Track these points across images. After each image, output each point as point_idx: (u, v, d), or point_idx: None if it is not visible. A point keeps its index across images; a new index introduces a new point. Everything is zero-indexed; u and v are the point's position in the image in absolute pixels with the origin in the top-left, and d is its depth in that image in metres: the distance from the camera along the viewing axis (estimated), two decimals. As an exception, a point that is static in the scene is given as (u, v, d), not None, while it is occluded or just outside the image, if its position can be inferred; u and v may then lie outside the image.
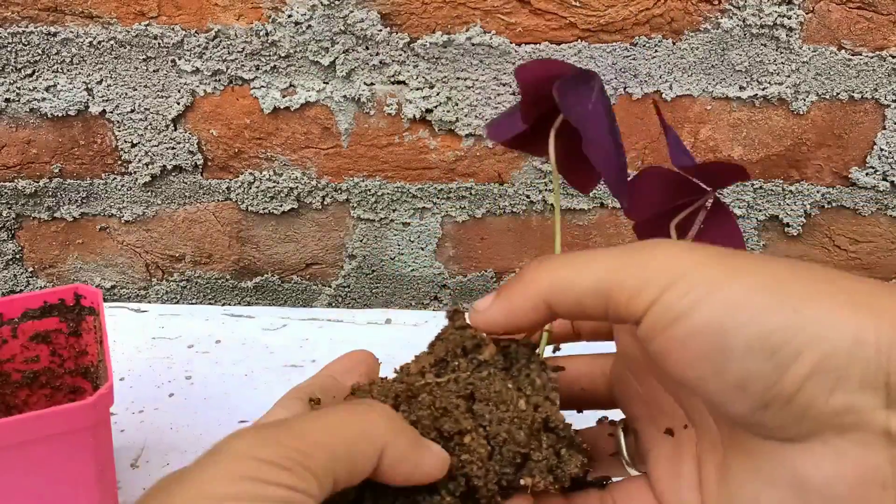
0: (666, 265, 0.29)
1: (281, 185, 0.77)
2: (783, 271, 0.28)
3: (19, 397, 0.57)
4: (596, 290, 0.30)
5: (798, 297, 0.27)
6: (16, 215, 0.80)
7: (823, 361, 0.26)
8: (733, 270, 0.28)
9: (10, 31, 0.70)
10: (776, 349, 0.27)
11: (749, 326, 0.27)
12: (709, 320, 0.28)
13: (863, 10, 0.67)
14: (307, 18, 0.68)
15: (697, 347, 0.28)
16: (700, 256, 0.29)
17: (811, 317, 0.27)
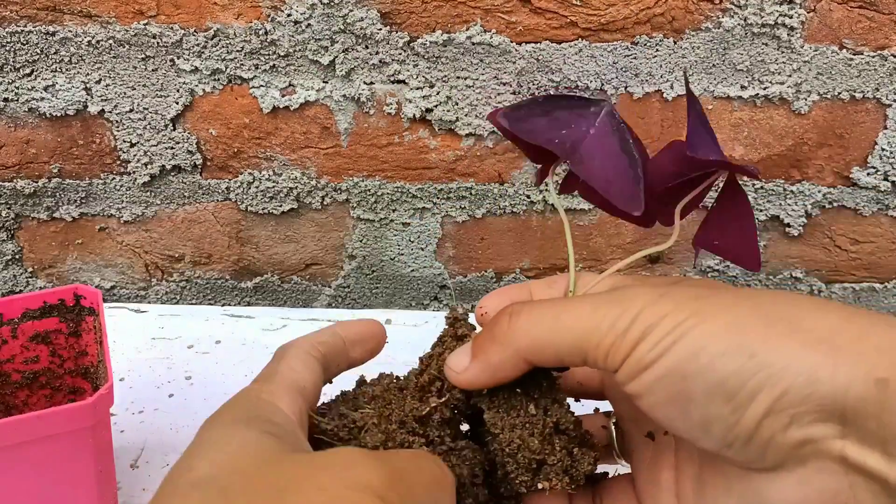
0: (637, 321, 0.31)
1: (280, 185, 0.77)
2: (745, 313, 0.30)
3: (19, 398, 0.56)
4: (573, 348, 0.32)
5: (756, 340, 0.29)
6: (15, 215, 0.80)
7: (778, 401, 0.28)
8: (697, 318, 0.30)
9: (9, 31, 0.70)
10: (733, 393, 0.29)
11: (707, 372, 0.29)
12: (672, 368, 0.30)
13: (864, 9, 0.67)
14: (306, 17, 0.68)
15: (664, 393, 0.31)
16: (666, 307, 0.31)
17: (767, 359, 0.28)
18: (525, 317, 0.34)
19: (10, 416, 0.44)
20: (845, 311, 0.30)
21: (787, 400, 0.28)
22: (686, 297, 0.31)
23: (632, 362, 0.31)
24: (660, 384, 0.30)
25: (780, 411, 0.28)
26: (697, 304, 0.31)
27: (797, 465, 0.29)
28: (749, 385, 0.28)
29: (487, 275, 0.82)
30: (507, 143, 0.74)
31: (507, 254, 0.81)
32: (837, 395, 0.28)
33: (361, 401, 0.37)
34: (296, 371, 0.35)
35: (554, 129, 0.39)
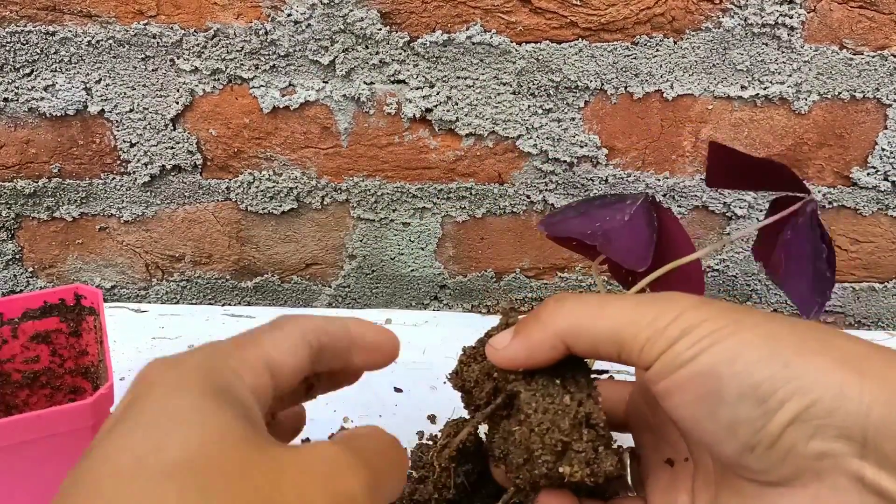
0: (677, 321, 0.32)
1: (280, 185, 0.77)
2: (781, 328, 0.32)
3: (19, 397, 0.56)
4: (611, 337, 0.34)
5: (790, 352, 0.30)
6: (15, 215, 0.80)
7: (806, 411, 0.29)
8: (736, 326, 0.32)
9: (9, 31, 0.69)
10: (764, 397, 0.30)
11: (742, 376, 0.30)
12: (708, 368, 0.31)
13: (864, 9, 0.67)
14: (306, 17, 0.68)
15: (695, 391, 0.32)
16: (707, 313, 0.32)
17: (799, 371, 0.30)
18: (571, 301, 0.35)
19: (10, 416, 0.44)
20: (874, 344, 0.32)
21: (814, 411, 0.29)
22: (725, 308, 0.33)
23: (667, 359, 0.32)
24: (693, 382, 0.32)
25: (806, 421, 0.29)
26: (736, 314, 0.32)
27: (813, 480, 0.30)
28: (780, 392, 0.30)
29: (487, 274, 0.82)
30: (508, 144, 0.74)
31: (507, 254, 0.81)
32: (861, 414, 0.29)
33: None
34: (278, 350, 0.33)
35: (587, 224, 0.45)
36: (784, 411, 0.30)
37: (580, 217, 0.46)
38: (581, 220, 0.46)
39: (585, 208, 0.47)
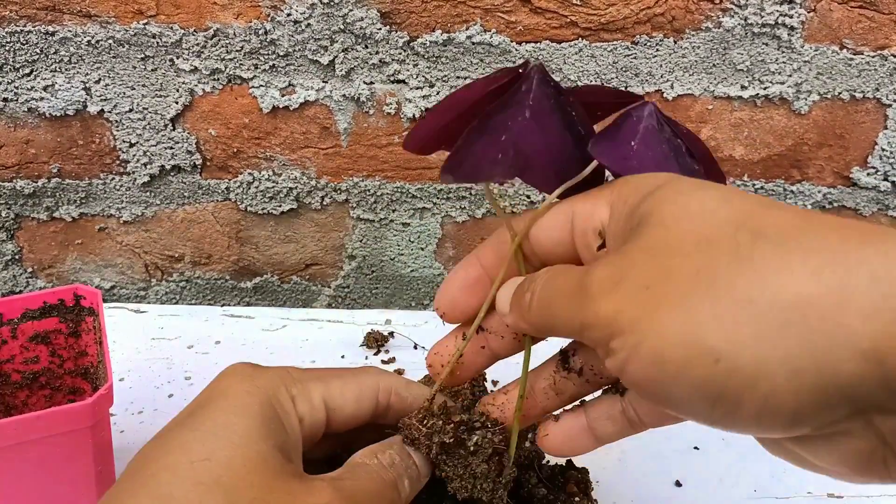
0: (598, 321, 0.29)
1: (280, 186, 0.77)
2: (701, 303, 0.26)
3: (19, 398, 0.56)
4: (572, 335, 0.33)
5: (718, 341, 0.25)
6: (15, 216, 0.80)
7: (767, 403, 0.25)
8: (652, 317, 0.27)
9: (9, 31, 0.69)
10: (714, 400, 0.26)
11: (679, 382, 0.27)
12: (642, 379, 0.28)
13: (864, 9, 0.67)
14: (306, 17, 0.68)
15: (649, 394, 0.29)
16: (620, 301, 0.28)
17: (734, 365, 0.25)
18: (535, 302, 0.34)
19: (10, 417, 0.44)
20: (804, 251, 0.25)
21: (777, 401, 0.25)
22: (639, 285, 0.28)
23: (611, 362, 0.29)
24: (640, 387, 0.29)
25: (774, 414, 0.25)
26: (650, 295, 0.27)
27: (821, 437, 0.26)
28: (727, 393, 0.26)
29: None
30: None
31: (507, 254, 0.81)
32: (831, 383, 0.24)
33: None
34: (343, 395, 0.38)
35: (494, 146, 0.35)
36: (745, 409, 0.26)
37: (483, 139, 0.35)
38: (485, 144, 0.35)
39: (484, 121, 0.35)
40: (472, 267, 0.40)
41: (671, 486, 0.56)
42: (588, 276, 0.31)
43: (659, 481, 0.56)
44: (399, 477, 0.37)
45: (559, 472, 0.49)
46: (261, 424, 0.34)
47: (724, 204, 0.28)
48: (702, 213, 0.28)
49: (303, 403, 0.37)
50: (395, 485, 0.37)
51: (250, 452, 0.32)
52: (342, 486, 0.34)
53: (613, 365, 0.29)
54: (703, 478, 0.57)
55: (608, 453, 0.59)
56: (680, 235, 0.28)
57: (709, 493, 0.56)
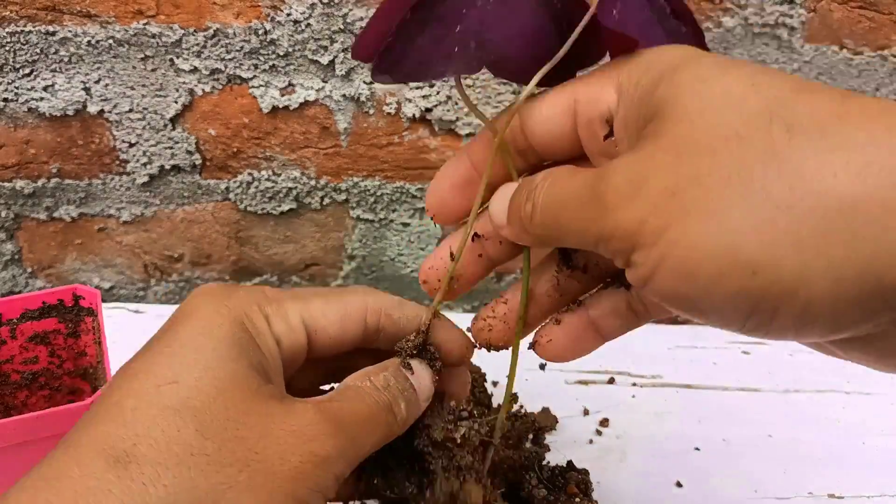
0: (618, 229, 0.27)
1: (280, 186, 0.77)
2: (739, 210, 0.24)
3: (18, 398, 0.56)
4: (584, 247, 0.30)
5: (755, 249, 0.24)
6: (14, 216, 0.80)
7: (807, 312, 0.24)
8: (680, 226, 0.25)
9: (9, 31, 0.69)
10: (749, 312, 0.25)
11: (711, 295, 0.25)
12: (672, 287, 0.26)
13: (864, 9, 0.67)
14: (306, 17, 0.68)
15: (678, 306, 0.27)
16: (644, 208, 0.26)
17: (773, 275, 0.23)
18: (539, 213, 0.31)
19: (9, 417, 0.44)
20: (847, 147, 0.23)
21: (816, 311, 0.23)
22: (663, 190, 0.26)
23: (632, 274, 0.27)
24: (668, 300, 0.27)
25: (814, 321, 0.24)
26: (677, 202, 0.25)
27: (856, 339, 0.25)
28: (764, 304, 0.24)
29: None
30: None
31: (507, 254, 0.81)
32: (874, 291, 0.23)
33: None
34: (326, 317, 0.35)
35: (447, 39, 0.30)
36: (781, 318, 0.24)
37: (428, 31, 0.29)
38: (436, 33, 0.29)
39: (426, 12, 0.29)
40: (462, 164, 0.36)
41: (671, 487, 0.56)
42: (603, 181, 0.28)
43: (659, 482, 0.56)
44: (394, 399, 0.34)
45: (559, 472, 0.49)
46: (232, 344, 0.31)
47: (753, 91, 0.26)
48: (728, 104, 0.26)
49: (279, 323, 0.34)
50: (389, 407, 0.34)
51: (221, 373, 0.30)
52: (328, 408, 0.31)
53: (636, 277, 0.27)
54: (703, 478, 0.57)
55: (608, 453, 0.59)
56: (706, 130, 0.26)
57: (709, 493, 0.56)
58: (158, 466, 0.27)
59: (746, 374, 0.68)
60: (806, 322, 0.24)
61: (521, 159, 0.35)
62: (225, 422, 0.29)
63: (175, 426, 0.28)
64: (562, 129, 0.33)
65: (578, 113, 0.32)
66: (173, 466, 0.27)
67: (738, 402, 0.65)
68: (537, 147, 0.34)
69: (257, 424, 0.29)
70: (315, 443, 0.30)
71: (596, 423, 0.62)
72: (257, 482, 0.28)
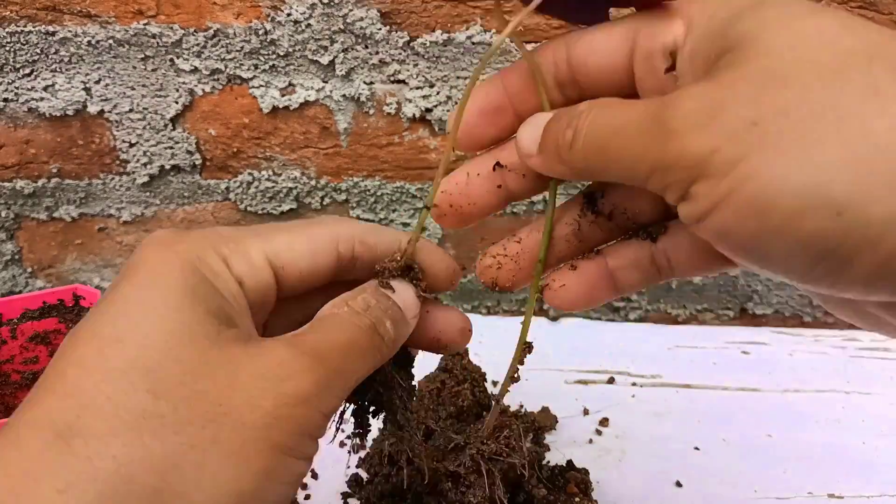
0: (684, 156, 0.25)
1: (280, 186, 0.77)
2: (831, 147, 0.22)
3: (19, 398, 0.56)
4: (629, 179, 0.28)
5: (843, 191, 0.22)
6: (14, 216, 0.80)
7: (886, 265, 0.22)
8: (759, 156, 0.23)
9: (9, 31, 0.69)
10: (822, 256, 0.23)
11: (783, 232, 0.23)
12: (737, 223, 0.24)
13: (864, 9, 0.67)
14: (306, 17, 0.68)
15: (735, 245, 0.25)
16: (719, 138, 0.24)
17: (860, 218, 0.22)
18: (581, 140, 0.29)
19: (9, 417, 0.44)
20: None
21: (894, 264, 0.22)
22: (743, 120, 0.24)
23: (688, 208, 0.25)
24: (725, 238, 0.25)
25: (891, 275, 0.22)
26: (758, 132, 0.23)
27: None
28: (842, 250, 0.22)
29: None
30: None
31: (507, 254, 0.81)
32: None
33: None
34: (292, 249, 0.32)
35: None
36: (858, 267, 0.23)
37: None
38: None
39: None
40: (494, 90, 0.34)
41: (671, 486, 0.56)
42: (669, 108, 0.25)
43: (659, 481, 0.56)
44: (378, 319, 0.31)
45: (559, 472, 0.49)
46: (184, 292, 0.27)
47: (848, 32, 0.24)
48: (822, 41, 0.24)
49: (239, 263, 0.30)
50: (373, 328, 0.31)
51: (172, 324, 0.26)
52: (303, 342, 0.28)
53: (692, 212, 0.25)
54: (703, 478, 0.57)
55: (608, 453, 0.59)
56: (797, 64, 0.24)
57: (709, 493, 0.55)
58: (106, 437, 0.24)
59: (746, 374, 0.68)
60: (882, 276, 0.23)
61: (559, 92, 0.33)
62: (180, 377, 0.25)
63: (122, 390, 0.25)
64: (615, 60, 0.31)
65: (637, 44, 0.30)
66: (123, 434, 0.24)
67: (738, 402, 0.65)
68: (582, 79, 0.32)
69: (219, 374, 0.26)
70: (289, 382, 0.27)
71: (596, 423, 0.62)
72: (224, 436, 0.25)
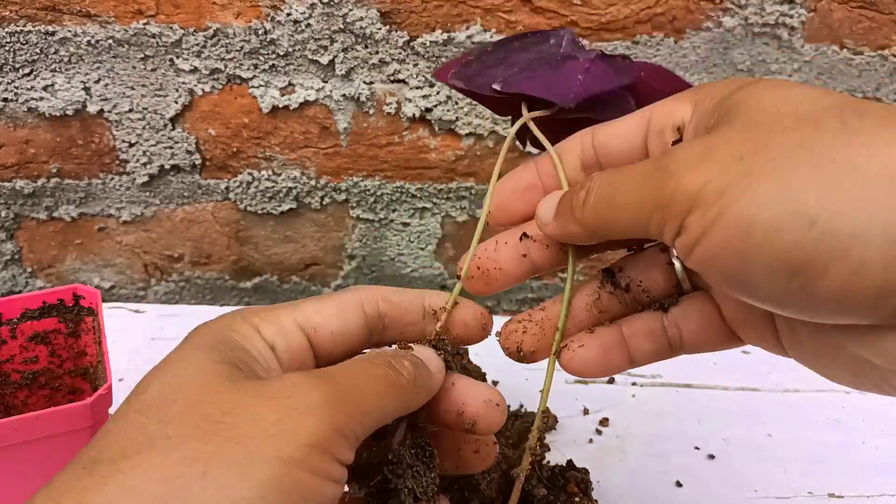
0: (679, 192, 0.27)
1: (280, 185, 0.77)
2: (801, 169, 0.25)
3: (18, 398, 0.56)
4: (632, 226, 0.30)
5: (815, 207, 0.24)
6: (14, 215, 0.80)
7: (856, 274, 0.24)
8: (745, 182, 0.26)
9: (8, 31, 0.69)
10: (797, 268, 0.25)
11: (763, 248, 0.25)
12: (723, 245, 0.26)
13: (864, 9, 0.67)
14: (306, 17, 0.68)
15: (721, 269, 0.27)
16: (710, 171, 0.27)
17: (829, 228, 0.24)
18: (593, 196, 0.32)
19: (9, 417, 0.44)
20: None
21: (867, 272, 0.24)
22: (730, 156, 0.27)
23: (685, 240, 0.28)
24: (714, 262, 0.27)
25: (861, 285, 0.24)
26: (743, 165, 0.26)
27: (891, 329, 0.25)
28: (815, 260, 0.24)
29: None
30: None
31: (507, 254, 0.81)
32: None
33: None
34: (320, 313, 0.34)
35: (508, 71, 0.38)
36: (829, 279, 0.24)
37: (500, 65, 0.38)
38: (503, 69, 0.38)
39: (504, 53, 0.39)
40: (528, 170, 0.38)
41: (671, 486, 0.56)
42: (667, 156, 0.29)
43: (659, 481, 0.56)
44: (395, 358, 0.33)
45: (559, 472, 0.49)
46: (203, 349, 0.30)
47: (826, 94, 0.28)
48: (803, 100, 0.27)
49: (269, 328, 0.33)
50: (389, 364, 0.32)
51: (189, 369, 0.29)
52: (316, 372, 0.30)
53: (685, 241, 0.28)
54: (703, 478, 0.57)
55: (608, 453, 0.59)
56: (780, 116, 0.27)
57: (709, 493, 0.55)
58: (118, 459, 0.26)
59: (746, 374, 0.68)
60: (853, 284, 0.24)
61: (585, 175, 0.37)
62: (189, 405, 0.27)
63: (137, 424, 0.27)
64: (633, 140, 0.35)
65: (651, 125, 0.34)
66: (133, 455, 0.26)
67: (738, 402, 0.65)
68: (604, 161, 0.36)
69: (227, 398, 0.28)
70: (295, 396, 0.28)
71: (596, 423, 0.62)
72: (227, 448, 0.26)
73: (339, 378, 0.30)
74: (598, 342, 0.36)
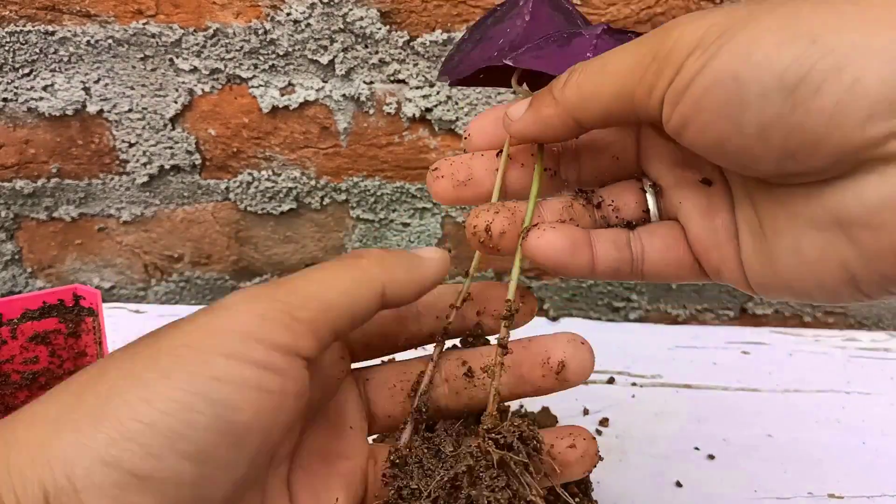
0: (682, 38, 0.28)
1: (280, 186, 0.77)
2: (806, 7, 0.26)
3: (19, 398, 0.56)
4: (619, 93, 0.30)
5: (818, 27, 0.25)
6: (14, 216, 0.79)
7: (849, 91, 0.24)
8: (751, 18, 0.26)
9: (8, 31, 0.69)
10: (793, 87, 0.25)
11: (761, 67, 0.25)
12: (721, 72, 0.26)
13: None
14: (306, 17, 0.68)
15: (713, 106, 0.27)
16: (716, 16, 0.27)
17: (830, 44, 0.24)
18: (578, 71, 0.32)
19: (9, 417, 0.44)
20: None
21: (860, 89, 0.24)
22: (735, 8, 0.27)
23: (678, 83, 0.28)
24: (709, 96, 0.27)
25: (853, 103, 0.24)
26: (747, 11, 0.27)
27: (878, 165, 0.25)
28: (811, 75, 0.25)
29: (487, 275, 0.82)
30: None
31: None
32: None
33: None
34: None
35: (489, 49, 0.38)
36: (822, 97, 0.25)
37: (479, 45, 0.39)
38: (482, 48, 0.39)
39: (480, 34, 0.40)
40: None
41: (671, 487, 0.56)
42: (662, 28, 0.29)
43: (659, 481, 0.56)
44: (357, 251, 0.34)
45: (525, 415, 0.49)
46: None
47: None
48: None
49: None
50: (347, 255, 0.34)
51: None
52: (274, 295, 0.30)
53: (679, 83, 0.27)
54: (703, 478, 0.57)
55: (608, 453, 0.59)
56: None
57: (709, 493, 0.56)
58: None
59: (746, 374, 0.68)
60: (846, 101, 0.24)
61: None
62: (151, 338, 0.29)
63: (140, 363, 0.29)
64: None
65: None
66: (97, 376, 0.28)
67: (738, 402, 0.65)
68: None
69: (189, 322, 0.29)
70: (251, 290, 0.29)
71: (596, 423, 0.62)
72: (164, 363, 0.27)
73: (280, 281, 0.30)
74: (567, 233, 0.35)
